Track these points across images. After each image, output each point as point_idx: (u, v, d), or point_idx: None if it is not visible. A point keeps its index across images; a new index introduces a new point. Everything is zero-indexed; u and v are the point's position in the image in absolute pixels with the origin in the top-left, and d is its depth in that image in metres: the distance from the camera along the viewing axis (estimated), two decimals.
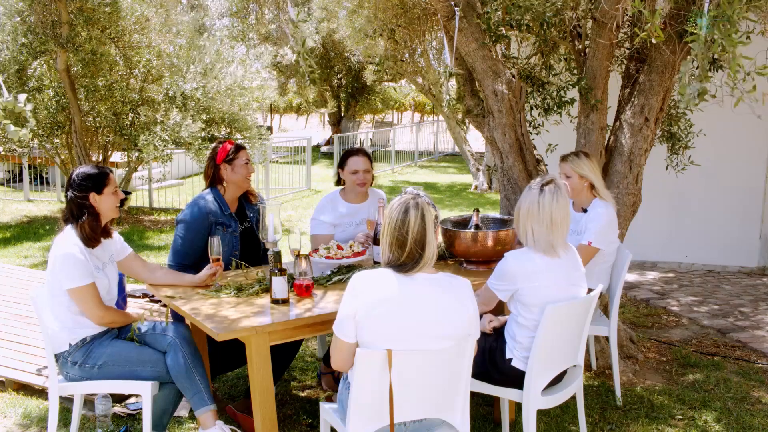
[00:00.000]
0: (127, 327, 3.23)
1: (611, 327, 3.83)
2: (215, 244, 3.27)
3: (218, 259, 3.30)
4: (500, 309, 3.38)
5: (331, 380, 4.05)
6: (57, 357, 3.12)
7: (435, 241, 2.44)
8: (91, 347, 3.09)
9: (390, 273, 2.42)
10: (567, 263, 2.97)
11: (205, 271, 3.30)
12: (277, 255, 3.30)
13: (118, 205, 3.22)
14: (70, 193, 3.13)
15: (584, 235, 3.72)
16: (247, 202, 3.93)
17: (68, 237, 3.09)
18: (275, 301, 3.01)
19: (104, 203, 3.14)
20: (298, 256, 3.15)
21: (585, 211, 3.84)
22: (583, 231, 3.77)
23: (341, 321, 2.44)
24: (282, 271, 3.00)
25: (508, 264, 2.93)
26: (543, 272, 2.90)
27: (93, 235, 3.11)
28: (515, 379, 2.95)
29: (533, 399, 2.91)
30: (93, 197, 3.12)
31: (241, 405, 3.60)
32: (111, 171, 3.24)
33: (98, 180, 3.14)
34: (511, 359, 2.97)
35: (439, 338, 2.41)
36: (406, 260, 2.40)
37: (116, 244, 3.31)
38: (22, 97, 3.68)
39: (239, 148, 3.80)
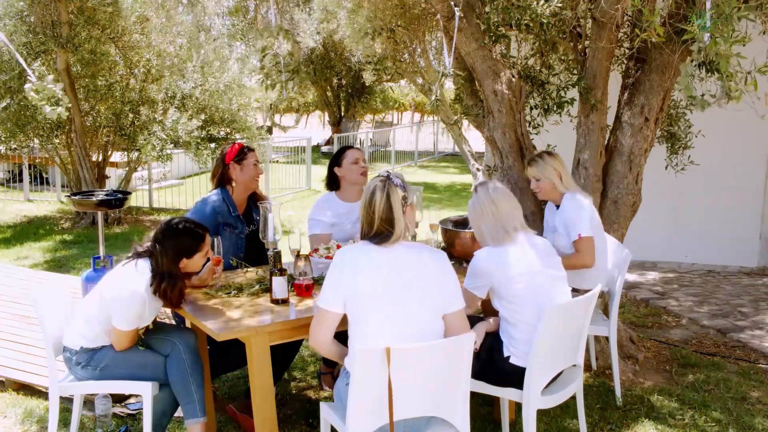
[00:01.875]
0: None
1: (611, 327, 3.83)
2: (216, 244, 3.28)
3: (219, 260, 3.30)
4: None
5: (331, 380, 4.05)
6: (64, 349, 3.12)
7: (404, 219, 2.59)
8: (97, 351, 3.09)
9: (368, 244, 2.58)
10: (535, 248, 3.01)
11: (206, 271, 3.30)
12: (277, 255, 3.31)
13: (205, 262, 3.16)
14: (160, 247, 2.99)
15: (570, 232, 3.65)
16: (255, 205, 3.91)
17: (142, 279, 2.96)
18: (275, 301, 3.01)
19: (192, 265, 3.09)
20: (298, 256, 3.16)
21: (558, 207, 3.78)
22: (557, 229, 3.73)
23: (326, 293, 2.57)
24: (282, 271, 3.00)
25: (478, 261, 3.01)
26: (513, 262, 2.94)
27: (178, 301, 3.00)
28: (515, 376, 2.95)
29: (533, 399, 2.91)
30: (183, 262, 3.05)
31: (241, 405, 3.60)
32: (207, 230, 3.13)
33: (193, 247, 3.05)
34: (509, 357, 2.98)
35: (424, 298, 2.53)
36: (375, 236, 2.57)
37: None
38: (50, 78, 3.80)
39: (249, 149, 3.85)
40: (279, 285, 3.00)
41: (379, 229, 2.56)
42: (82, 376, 3.10)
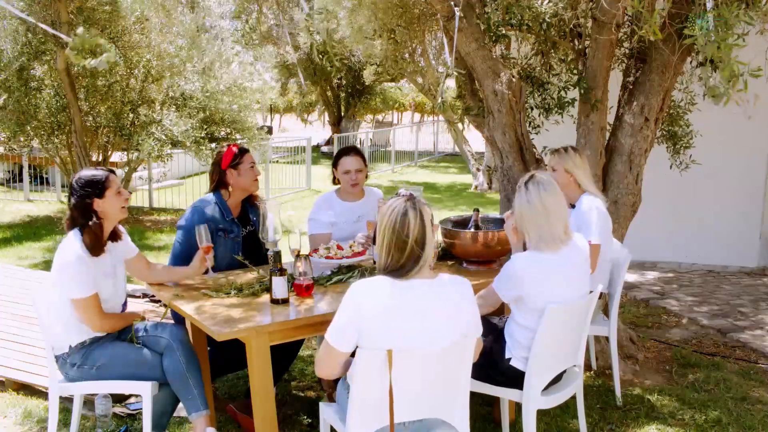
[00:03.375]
0: (127, 328, 3.21)
1: (611, 327, 3.83)
2: (203, 231, 3.28)
3: (209, 247, 3.30)
4: (500, 308, 3.38)
5: (332, 380, 4.04)
6: (57, 358, 3.11)
7: (433, 240, 2.43)
8: (91, 349, 3.08)
9: (387, 281, 2.37)
10: (576, 269, 2.94)
11: (197, 260, 3.31)
12: (277, 255, 3.30)
13: (124, 205, 3.15)
14: (72, 200, 3.06)
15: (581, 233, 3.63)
16: (251, 205, 3.90)
17: (72, 244, 3.03)
18: (275, 301, 3.01)
19: (108, 206, 3.07)
20: (298, 256, 3.15)
21: (573, 207, 3.72)
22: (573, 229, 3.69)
23: (338, 330, 2.38)
24: (282, 271, 3.00)
25: (515, 267, 2.88)
26: (549, 277, 2.87)
27: (97, 243, 3.04)
28: (515, 379, 2.95)
29: (533, 399, 2.90)
30: (96, 203, 3.05)
31: (242, 405, 3.60)
32: (112, 171, 3.17)
33: (99, 184, 3.05)
34: (510, 359, 2.97)
35: (438, 340, 2.39)
36: (405, 262, 2.36)
37: (125, 244, 3.27)
38: (80, 30, 3.66)
39: (244, 151, 3.75)
40: (279, 285, 2.99)
41: (411, 254, 2.34)
42: (77, 376, 3.08)
